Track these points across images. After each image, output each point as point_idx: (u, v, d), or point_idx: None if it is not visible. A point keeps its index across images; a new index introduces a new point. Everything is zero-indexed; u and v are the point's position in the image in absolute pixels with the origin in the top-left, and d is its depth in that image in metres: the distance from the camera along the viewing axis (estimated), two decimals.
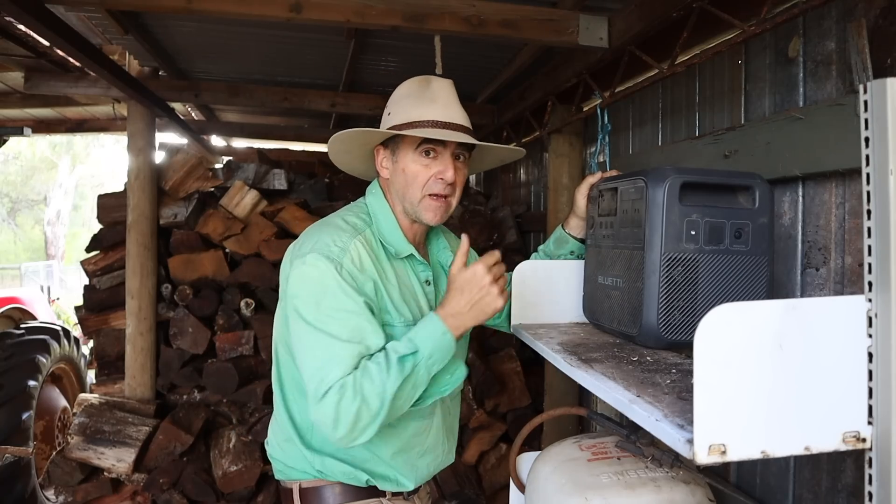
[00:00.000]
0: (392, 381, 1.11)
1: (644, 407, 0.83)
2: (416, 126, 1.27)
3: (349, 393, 1.10)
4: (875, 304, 0.72)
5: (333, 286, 1.17)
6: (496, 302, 1.19)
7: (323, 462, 1.30)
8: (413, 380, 1.14)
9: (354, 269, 1.20)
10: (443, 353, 1.17)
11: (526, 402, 3.35)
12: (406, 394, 1.15)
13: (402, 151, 1.30)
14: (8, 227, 18.82)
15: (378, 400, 1.11)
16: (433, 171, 1.28)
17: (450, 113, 1.29)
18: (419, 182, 1.28)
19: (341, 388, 1.11)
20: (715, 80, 1.94)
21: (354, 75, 3.29)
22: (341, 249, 1.20)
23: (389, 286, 1.27)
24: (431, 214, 1.30)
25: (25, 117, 4.53)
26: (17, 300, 4.49)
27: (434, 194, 1.28)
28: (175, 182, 3.41)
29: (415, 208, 1.30)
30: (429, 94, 1.30)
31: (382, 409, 1.11)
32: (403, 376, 1.12)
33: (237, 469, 2.95)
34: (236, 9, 2.00)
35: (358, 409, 1.09)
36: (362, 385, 1.10)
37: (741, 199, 1.20)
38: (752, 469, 1.71)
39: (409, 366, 1.13)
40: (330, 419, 1.10)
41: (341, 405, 1.10)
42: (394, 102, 1.34)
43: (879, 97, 0.70)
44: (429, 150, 1.28)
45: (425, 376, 1.17)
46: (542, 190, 3.63)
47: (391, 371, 1.12)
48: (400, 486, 1.32)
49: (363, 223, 1.31)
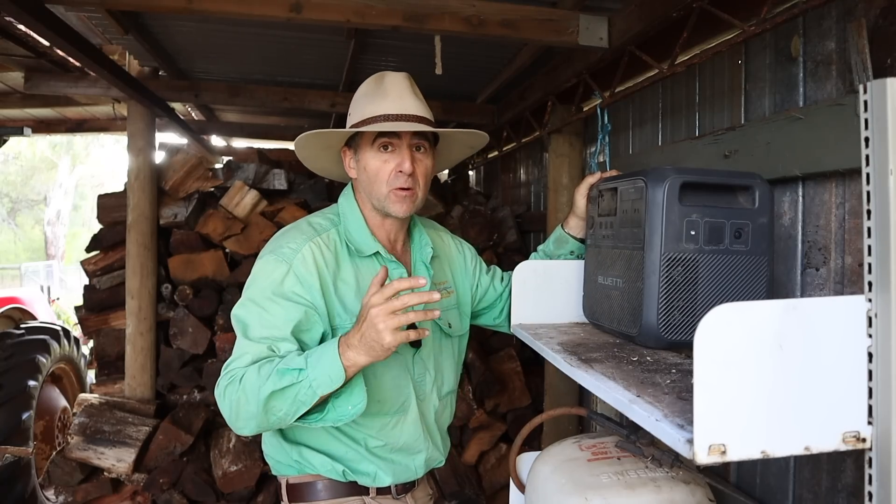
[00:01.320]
0: (267, 388, 1.10)
1: (644, 407, 0.83)
2: (370, 122, 1.28)
3: (236, 383, 1.15)
4: (875, 304, 0.72)
5: (271, 287, 1.22)
6: (382, 337, 1.05)
7: (300, 453, 1.33)
8: (292, 394, 1.10)
9: (303, 270, 1.24)
10: (329, 380, 1.10)
11: (526, 402, 3.35)
12: (285, 406, 1.11)
13: (361, 150, 1.32)
14: (8, 227, 18.81)
15: (255, 400, 1.12)
16: (392, 165, 1.29)
17: (403, 105, 1.29)
18: (381, 177, 1.30)
19: (232, 375, 1.16)
20: (715, 80, 1.94)
21: (354, 75, 3.29)
22: (293, 251, 1.25)
23: (343, 287, 1.29)
24: (398, 206, 1.31)
25: (25, 117, 4.53)
26: (17, 300, 4.49)
27: (397, 188, 1.30)
28: (175, 182, 3.41)
29: (382, 203, 1.32)
30: (381, 90, 1.31)
31: (258, 411, 1.12)
32: (279, 387, 1.10)
33: (237, 469, 2.95)
34: (236, 9, 2.00)
35: (237, 399, 1.14)
36: (247, 380, 1.14)
37: (741, 199, 1.20)
38: (752, 469, 1.71)
39: (287, 379, 1.10)
40: (220, 400, 1.18)
41: (227, 390, 1.16)
42: (353, 103, 1.37)
43: (879, 97, 0.70)
44: (385, 145, 1.30)
45: (309, 396, 1.10)
46: (542, 190, 3.63)
47: (270, 378, 1.11)
48: (377, 480, 1.34)
49: (330, 223, 1.35)
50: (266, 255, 1.28)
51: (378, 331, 1.06)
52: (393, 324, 1.06)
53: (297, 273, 1.23)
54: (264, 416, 1.13)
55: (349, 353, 1.10)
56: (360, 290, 1.31)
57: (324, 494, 1.33)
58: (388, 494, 1.36)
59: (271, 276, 1.24)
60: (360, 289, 1.31)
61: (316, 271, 1.26)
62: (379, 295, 1.07)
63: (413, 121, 1.28)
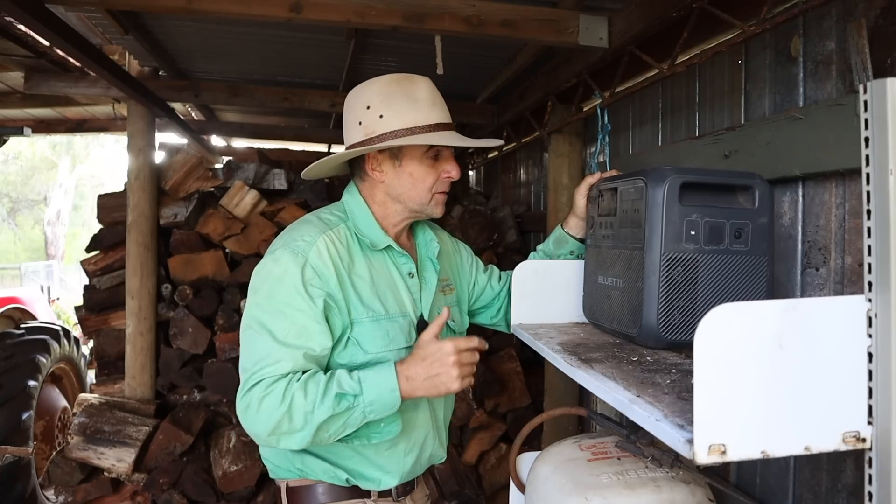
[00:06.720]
0: (322, 411, 1.11)
1: (644, 407, 0.83)
2: (421, 132, 1.28)
3: (276, 395, 1.12)
4: (875, 304, 0.72)
5: (290, 283, 1.19)
6: (451, 384, 1.17)
7: (303, 460, 1.31)
8: (345, 419, 1.14)
9: (319, 263, 1.22)
10: (384, 407, 1.16)
11: (526, 402, 3.35)
12: (334, 428, 1.15)
13: (407, 157, 1.31)
14: (8, 227, 18.81)
15: (302, 419, 1.11)
16: (438, 171, 1.32)
17: (444, 113, 1.32)
18: (428, 183, 1.32)
19: (269, 386, 1.13)
20: (715, 80, 1.94)
21: (354, 75, 3.29)
22: (308, 243, 1.23)
23: (359, 280, 1.28)
24: (439, 208, 1.36)
25: (25, 117, 4.54)
26: (17, 300, 4.49)
27: (441, 192, 1.34)
28: (175, 182, 3.41)
29: (423, 207, 1.34)
30: (421, 96, 1.30)
31: (305, 430, 1.12)
32: (335, 412, 1.12)
33: (237, 469, 2.95)
34: (236, 9, 2.00)
35: (281, 416, 1.11)
36: (294, 395, 1.12)
37: (741, 199, 1.20)
38: (752, 469, 1.71)
39: (344, 405, 1.13)
40: (251, 412, 1.13)
41: (265, 403, 1.12)
42: (382, 104, 1.27)
43: (879, 97, 0.70)
44: (437, 154, 1.32)
45: (359, 420, 1.16)
46: (542, 190, 3.63)
47: (325, 400, 1.12)
48: (382, 485, 1.32)
49: (338, 219, 1.34)
50: (279, 250, 1.23)
51: (452, 377, 1.17)
52: (465, 372, 1.19)
53: (314, 266, 1.21)
54: (312, 437, 1.13)
55: (408, 387, 1.16)
56: (374, 285, 1.29)
57: (324, 498, 1.32)
58: (389, 497, 1.35)
59: (289, 271, 1.20)
60: (374, 283, 1.30)
61: (332, 264, 1.23)
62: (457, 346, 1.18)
63: (454, 130, 1.34)
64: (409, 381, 1.16)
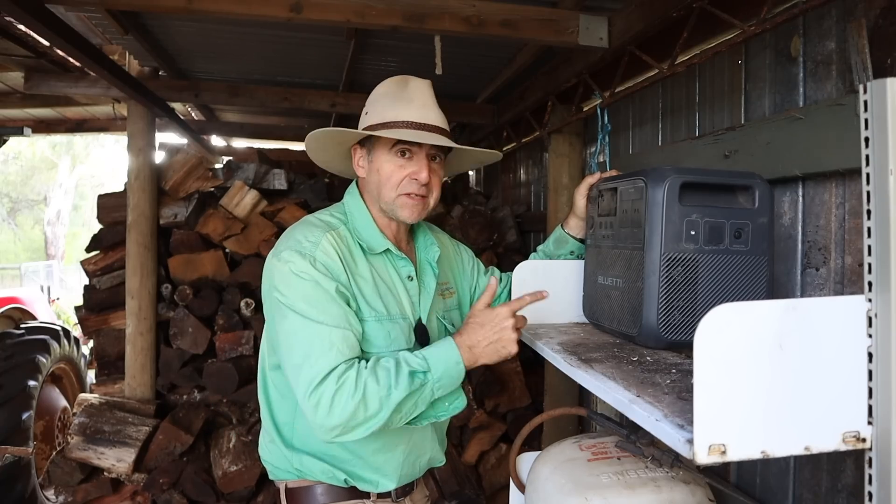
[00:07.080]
0: (399, 392, 1.11)
1: (644, 407, 0.83)
2: (392, 126, 1.27)
3: (349, 386, 1.10)
4: (875, 304, 0.72)
5: (310, 278, 1.19)
6: (511, 346, 1.20)
7: (301, 461, 1.31)
8: (417, 397, 1.15)
9: (327, 259, 1.22)
10: (451, 380, 1.18)
11: (526, 402, 3.35)
12: (407, 408, 1.15)
13: (377, 151, 1.31)
14: (8, 227, 18.81)
15: (378, 404, 1.10)
16: (407, 172, 1.29)
17: (426, 114, 1.29)
18: (393, 182, 1.30)
19: (340, 378, 1.11)
20: (715, 80, 1.94)
21: (354, 75, 3.29)
22: (313, 244, 1.23)
23: (361, 281, 1.28)
24: (408, 212, 1.31)
25: (25, 117, 4.54)
26: (17, 300, 4.49)
27: (408, 193, 1.30)
28: (175, 182, 3.41)
29: (391, 206, 1.32)
30: (406, 95, 1.30)
31: (380, 414, 1.11)
32: (411, 390, 1.13)
33: (237, 469, 2.95)
34: (236, 9, 2.00)
35: (356, 405, 1.09)
36: (366, 383, 1.11)
37: (741, 199, 1.20)
38: (752, 469, 1.71)
39: (417, 382, 1.14)
40: (324, 408, 1.10)
41: (338, 396, 1.10)
42: (371, 102, 1.35)
43: (879, 97, 0.70)
44: (404, 151, 1.29)
45: (429, 397, 1.17)
46: (542, 190, 3.63)
47: (400, 381, 1.12)
48: (380, 486, 1.32)
49: (337, 221, 1.33)
50: (284, 252, 1.22)
51: (511, 340, 1.20)
52: (517, 336, 1.22)
53: (324, 262, 1.21)
54: (385, 421, 1.12)
55: (470, 357, 1.19)
56: (376, 287, 1.29)
57: (323, 499, 1.32)
58: (388, 498, 1.35)
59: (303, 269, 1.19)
60: (376, 285, 1.29)
61: (339, 259, 1.24)
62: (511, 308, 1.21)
63: (435, 132, 1.29)
64: (471, 350, 1.18)
